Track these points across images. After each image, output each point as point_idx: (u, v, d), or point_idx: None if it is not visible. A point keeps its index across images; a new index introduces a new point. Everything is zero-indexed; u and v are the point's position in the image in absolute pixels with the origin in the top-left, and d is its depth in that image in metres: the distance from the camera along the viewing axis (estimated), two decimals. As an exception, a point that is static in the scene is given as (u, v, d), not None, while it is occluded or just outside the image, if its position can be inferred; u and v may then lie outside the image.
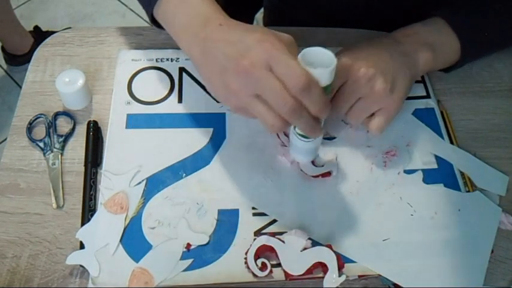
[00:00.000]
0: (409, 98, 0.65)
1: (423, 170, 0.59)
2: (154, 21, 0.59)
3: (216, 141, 0.59)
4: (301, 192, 0.56)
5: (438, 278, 0.52)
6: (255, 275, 0.50)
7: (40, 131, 0.60)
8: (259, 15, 0.91)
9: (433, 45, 0.61)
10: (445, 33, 0.61)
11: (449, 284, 0.52)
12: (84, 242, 0.51)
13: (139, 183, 0.55)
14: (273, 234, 0.52)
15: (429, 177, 0.58)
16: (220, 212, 0.54)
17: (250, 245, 0.51)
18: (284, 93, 0.46)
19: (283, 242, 0.52)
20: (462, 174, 0.59)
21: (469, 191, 0.58)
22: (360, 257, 0.52)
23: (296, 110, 0.46)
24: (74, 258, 0.50)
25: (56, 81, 0.60)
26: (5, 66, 1.71)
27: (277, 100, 0.46)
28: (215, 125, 0.61)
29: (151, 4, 0.57)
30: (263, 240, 0.52)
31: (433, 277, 0.52)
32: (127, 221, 0.53)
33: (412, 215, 0.56)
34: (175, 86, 0.64)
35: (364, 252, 0.53)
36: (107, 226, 0.52)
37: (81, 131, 0.59)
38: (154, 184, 0.56)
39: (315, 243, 0.53)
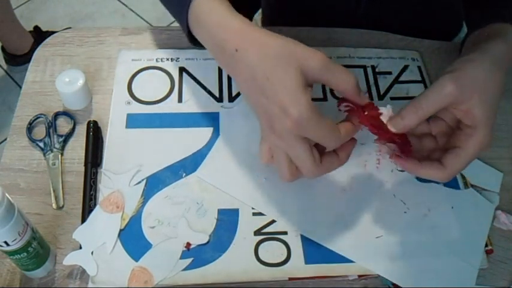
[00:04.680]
0: (409, 98, 0.65)
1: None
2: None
3: (216, 141, 0.59)
4: (297, 190, 0.56)
5: (431, 273, 0.52)
6: None
7: (40, 131, 0.60)
8: (258, 16, 0.91)
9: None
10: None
11: (442, 279, 0.52)
12: (80, 242, 0.51)
13: (139, 182, 0.56)
14: None
15: None
16: (220, 212, 0.54)
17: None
18: (308, 166, 0.47)
19: None
20: (462, 173, 0.59)
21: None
22: (353, 254, 0.52)
23: (318, 176, 0.49)
24: (72, 259, 0.50)
25: (56, 81, 0.60)
26: (5, 66, 1.71)
27: (302, 168, 0.48)
28: (215, 124, 0.61)
29: (184, 28, 0.56)
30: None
31: (425, 272, 0.52)
32: (124, 220, 0.53)
33: (405, 212, 0.56)
34: (175, 86, 0.64)
35: (358, 250, 0.53)
36: (103, 225, 0.52)
37: (81, 131, 0.60)
38: (154, 183, 0.56)
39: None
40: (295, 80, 0.45)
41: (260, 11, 0.89)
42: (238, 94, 0.63)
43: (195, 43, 0.56)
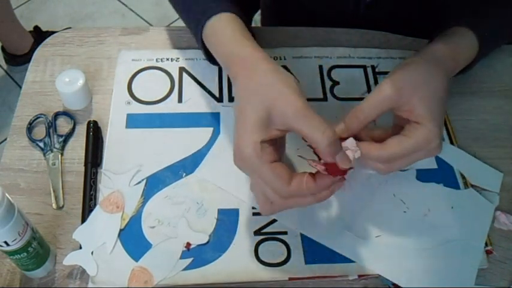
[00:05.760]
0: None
1: (422, 170, 0.59)
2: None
3: (216, 141, 0.59)
4: None
5: (430, 273, 0.52)
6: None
7: (40, 131, 0.60)
8: (257, 16, 0.91)
9: (460, 58, 0.57)
10: (467, 38, 0.57)
11: (441, 279, 0.52)
12: (80, 242, 0.51)
13: (139, 182, 0.56)
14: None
15: (428, 177, 0.58)
16: (220, 212, 0.54)
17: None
18: (276, 185, 0.46)
19: None
20: (462, 174, 0.59)
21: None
22: (353, 254, 0.52)
23: (288, 202, 0.48)
24: (72, 259, 0.50)
25: (56, 81, 0.60)
26: (5, 66, 1.71)
27: (273, 190, 0.47)
28: (215, 124, 0.61)
29: (200, 47, 0.59)
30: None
31: (425, 273, 0.52)
32: (124, 220, 0.53)
33: (405, 212, 0.56)
34: (175, 86, 0.64)
35: (358, 250, 0.53)
36: (103, 225, 0.52)
37: (81, 131, 0.60)
38: (154, 183, 0.56)
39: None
40: (255, 119, 0.46)
41: (260, 11, 0.89)
42: (238, 94, 0.63)
43: (211, 60, 0.59)
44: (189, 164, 0.57)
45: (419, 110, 0.49)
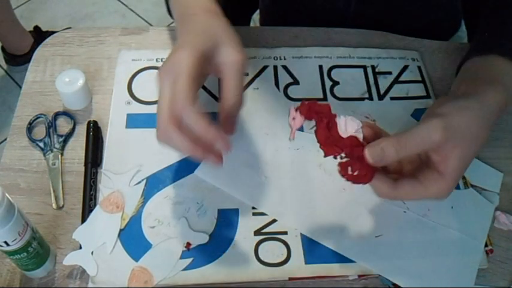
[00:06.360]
0: (409, 98, 0.65)
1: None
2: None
3: (216, 141, 0.59)
4: (297, 189, 0.56)
5: (429, 273, 0.52)
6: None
7: (40, 131, 0.60)
8: (256, 16, 0.91)
9: (509, 105, 0.52)
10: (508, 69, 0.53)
11: (441, 279, 0.52)
12: (80, 242, 0.51)
13: (139, 182, 0.56)
14: None
15: None
16: (220, 212, 0.54)
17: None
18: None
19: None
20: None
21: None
22: (353, 254, 0.52)
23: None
24: (72, 259, 0.50)
25: (56, 81, 0.60)
26: (5, 66, 1.71)
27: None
28: (215, 124, 0.60)
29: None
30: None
31: (424, 273, 0.52)
32: (124, 220, 0.53)
33: (405, 212, 0.56)
34: (175, 86, 0.64)
35: (358, 250, 0.53)
36: (103, 225, 0.52)
37: (81, 131, 0.60)
38: (154, 183, 0.56)
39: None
40: (201, 41, 0.47)
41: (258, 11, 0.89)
42: (238, 94, 0.63)
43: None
44: (188, 164, 0.57)
45: (451, 166, 0.46)
